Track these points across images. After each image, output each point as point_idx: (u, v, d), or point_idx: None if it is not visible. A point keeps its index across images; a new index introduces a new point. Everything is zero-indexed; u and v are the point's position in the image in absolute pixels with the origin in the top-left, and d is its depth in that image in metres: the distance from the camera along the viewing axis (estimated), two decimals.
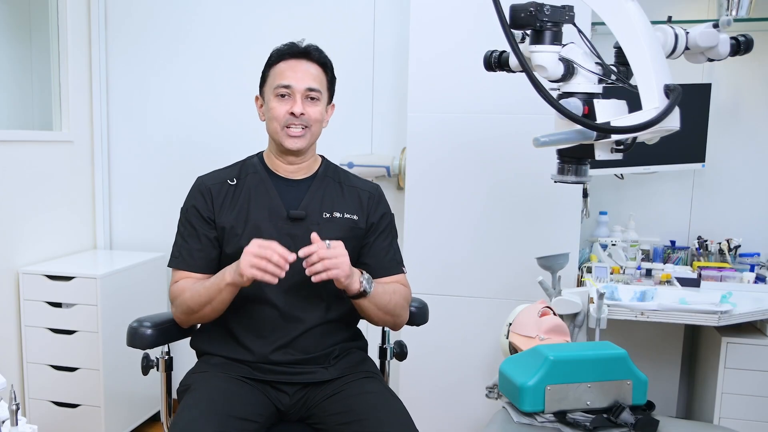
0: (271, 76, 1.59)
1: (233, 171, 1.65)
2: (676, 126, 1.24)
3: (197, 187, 1.62)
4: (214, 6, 2.72)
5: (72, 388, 2.44)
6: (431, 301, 2.33)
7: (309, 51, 1.59)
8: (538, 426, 1.31)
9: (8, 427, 1.15)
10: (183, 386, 1.57)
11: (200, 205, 1.59)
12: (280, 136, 1.56)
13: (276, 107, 1.56)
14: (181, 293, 1.54)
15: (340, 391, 1.53)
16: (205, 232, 1.58)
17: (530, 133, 1.29)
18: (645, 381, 1.35)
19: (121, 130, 2.87)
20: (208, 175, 1.65)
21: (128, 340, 1.59)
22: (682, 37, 1.34)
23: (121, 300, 2.51)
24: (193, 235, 1.59)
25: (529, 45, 1.27)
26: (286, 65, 1.58)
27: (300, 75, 1.56)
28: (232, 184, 1.61)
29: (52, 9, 2.66)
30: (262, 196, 1.60)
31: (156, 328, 1.58)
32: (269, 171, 1.64)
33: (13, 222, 2.44)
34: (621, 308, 1.87)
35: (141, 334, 1.56)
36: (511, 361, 1.42)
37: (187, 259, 1.58)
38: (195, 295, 1.52)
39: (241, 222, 1.57)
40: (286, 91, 1.56)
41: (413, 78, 2.27)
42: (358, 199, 1.66)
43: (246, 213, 1.58)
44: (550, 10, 1.23)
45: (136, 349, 1.57)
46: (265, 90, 1.61)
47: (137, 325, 1.58)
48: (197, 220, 1.59)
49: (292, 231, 1.57)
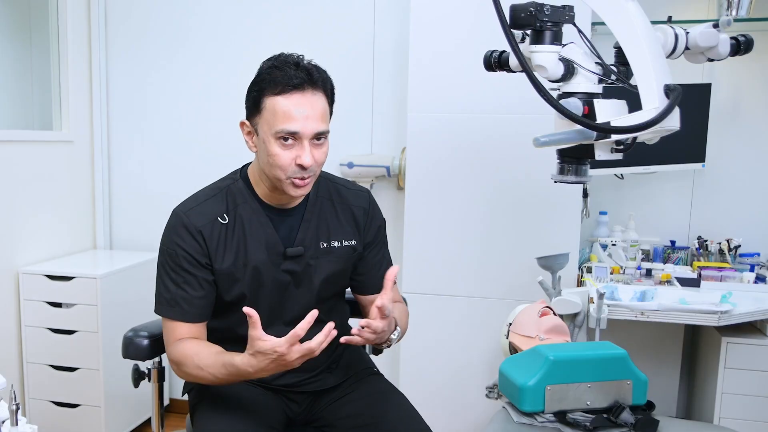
0: (268, 110, 1.33)
1: (220, 203, 1.43)
2: (676, 126, 1.24)
3: (184, 227, 1.39)
4: (214, 6, 2.72)
5: (72, 388, 2.44)
6: (431, 301, 2.34)
7: (312, 77, 1.36)
8: (538, 426, 1.31)
9: (8, 427, 1.15)
10: (198, 393, 1.49)
11: (193, 249, 1.39)
12: (283, 185, 1.37)
13: (280, 154, 1.34)
14: (193, 357, 1.36)
15: (348, 393, 1.53)
16: (204, 276, 1.40)
17: (530, 133, 1.29)
18: (645, 381, 1.35)
19: (121, 130, 2.87)
20: (192, 210, 1.41)
21: (124, 352, 1.52)
22: (682, 37, 1.34)
23: (121, 300, 2.51)
24: (190, 282, 1.40)
25: (529, 45, 1.27)
26: (289, 102, 1.33)
27: (307, 114, 1.33)
28: (224, 223, 1.42)
29: (52, 9, 2.66)
30: (257, 232, 1.43)
31: (153, 338, 1.51)
32: (260, 200, 1.45)
33: (13, 222, 2.44)
34: (621, 308, 1.87)
35: (137, 345, 1.50)
36: (511, 361, 1.42)
37: (187, 309, 1.40)
38: (204, 375, 1.36)
39: (240, 266, 1.42)
40: (292, 137, 1.33)
41: (413, 78, 2.27)
42: (353, 220, 1.55)
43: (244, 255, 1.42)
44: (550, 10, 1.23)
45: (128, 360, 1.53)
46: (259, 123, 1.36)
47: (132, 335, 1.51)
48: (192, 265, 1.39)
49: (290, 267, 1.46)
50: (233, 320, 1.46)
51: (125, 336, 1.53)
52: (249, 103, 1.39)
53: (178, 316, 1.40)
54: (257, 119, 1.36)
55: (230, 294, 1.43)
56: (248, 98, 1.39)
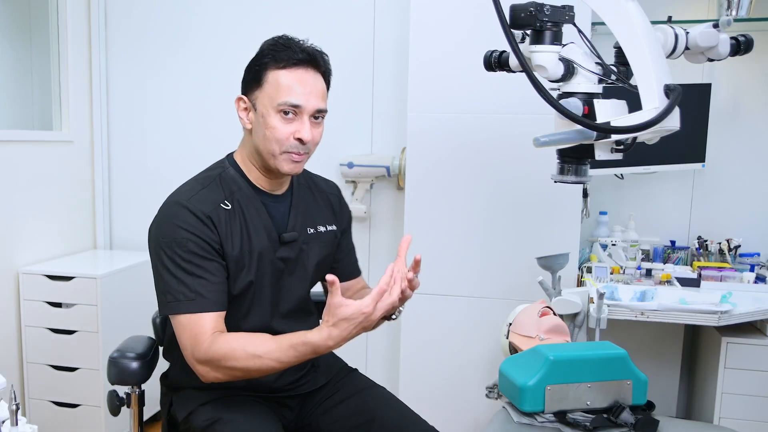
0: (271, 84, 1.35)
1: (217, 191, 1.40)
2: (676, 126, 1.24)
3: (191, 214, 1.34)
4: (214, 6, 2.72)
5: (72, 388, 2.44)
6: (431, 301, 2.34)
7: (316, 58, 1.38)
8: (538, 426, 1.31)
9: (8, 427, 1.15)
10: (207, 417, 1.40)
11: (205, 235, 1.33)
12: (278, 160, 1.38)
13: (279, 128, 1.35)
14: (245, 348, 1.27)
15: (333, 395, 1.55)
16: (219, 262, 1.35)
17: (530, 133, 1.29)
18: (645, 381, 1.35)
19: (121, 130, 2.87)
20: (193, 198, 1.37)
21: (111, 377, 1.45)
22: (682, 37, 1.34)
23: (121, 300, 2.51)
24: (207, 268, 1.33)
25: (529, 45, 1.27)
26: (293, 76, 1.35)
27: (309, 91, 1.36)
28: (227, 208, 1.39)
29: (52, 9, 2.66)
30: (255, 219, 1.42)
31: (142, 358, 1.45)
32: (253, 186, 1.45)
33: (13, 222, 2.44)
34: (621, 308, 1.87)
35: (126, 368, 1.42)
36: (511, 361, 1.42)
37: (211, 297, 1.32)
38: (264, 363, 1.27)
39: (246, 252, 1.40)
40: (294, 110, 1.35)
41: (413, 78, 2.27)
42: (330, 206, 1.59)
43: (249, 241, 1.40)
44: (550, 10, 1.23)
45: (115, 386, 1.46)
46: (258, 96, 1.37)
47: (118, 356, 1.44)
48: (206, 251, 1.33)
49: (284, 254, 1.46)
50: (239, 313, 1.43)
51: (110, 358, 1.44)
52: (248, 78, 1.39)
53: (202, 308, 1.30)
54: (256, 93, 1.37)
55: (238, 284, 1.39)
56: (248, 73, 1.40)
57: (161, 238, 1.34)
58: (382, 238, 2.67)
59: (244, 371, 1.29)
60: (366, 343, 2.74)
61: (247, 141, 1.45)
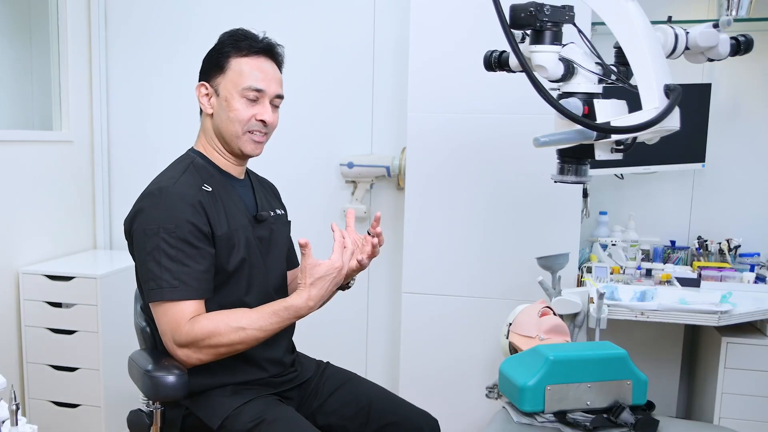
0: (234, 70, 1.45)
1: (195, 176, 1.45)
2: (676, 126, 1.24)
3: (181, 200, 1.38)
4: (214, 6, 2.72)
5: (72, 388, 2.44)
6: (431, 301, 2.34)
7: (274, 50, 1.51)
8: (538, 426, 1.31)
9: (8, 427, 1.15)
10: (250, 418, 1.39)
11: (197, 220, 1.37)
12: (241, 141, 1.46)
13: (242, 110, 1.45)
14: (227, 323, 1.34)
15: (321, 388, 1.60)
16: (207, 248, 1.39)
17: (530, 133, 1.29)
18: (645, 381, 1.35)
19: (121, 130, 2.87)
20: (178, 183, 1.41)
21: (154, 393, 1.35)
22: (682, 37, 1.34)
23: (121, 300, 2.50)
24: (193, 256, 1.36)
25: (529, 45, 1.27)
26: (254, 63, 1.46)
27: (270, 77, 1.47)
28: (209, 190, 1.44)
29: (52, 9, 2.66)
30: (232, 201, 1.48)
31: (180, 370, 1.35)
32: (222, 172, 1.52)
33: (13, 222, 2.44)
34: (621, 308, 1.87)
35: (168, 383, 1.32)
36: (511, 361, 1.42)
37: (193, 284, 1.35)
38: (248, 334, 1.34)
39: (233, 231, 1.44)
40: (257, 95, 1.46)
41: (413, 78, 2.27)
42: (275, 194, 1.71)
43: (232, 221, 1.45)
44: (550, 10, 1.23)
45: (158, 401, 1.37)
46: (221, 82, 1.46)
47: (152, 369, 1.34)
48: (196, 238, 1.37)
49: (260, 233, 1.52)
50: (239, 289, 1.46)
51: (147, 374, 1.34)
52: (210, 64, 1.50)
53: (184, 295, 1.34)
54: (219, 79, 1.47)
55: (232, 261, 1.43)
56: (210, 60, 1.51)
57: (152, 223, 1.36)
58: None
59: (228, 346, 1.34)
60: (366, 343, 2.74)
61: (207, 127, 1.52)
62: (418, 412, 1.57)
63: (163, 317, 1.36)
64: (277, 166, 2.82)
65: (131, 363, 1.48)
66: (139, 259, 1.40)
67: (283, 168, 2.74)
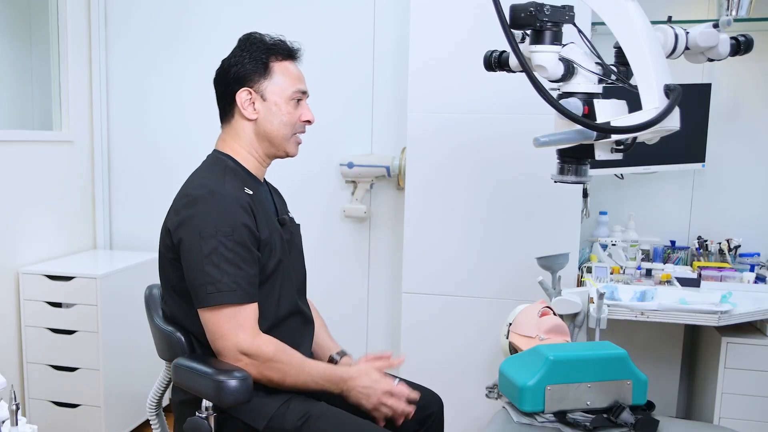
0: (279, 74, 1.48)
1: (235, 179, 1.46)
2: (676, 126, 1.24)
3: (236, 204, 1.38)
4: (214, 6, 2.72)
5: (72, 388, 2.44)
6: (431, 301, 2.34)
7: (299, 52, 1.57)
8: (538, 426, 1.31)
9: (8, 427, 1.15)
10: (298, 415, 1.39)
11: (251, 224, 1.39)
12: (289, 143, 1.52)
13: (293, 113, 1.50)
14: (282, 359, 1.37)
15: None
16: (256, 251, 1.40)
17: (530, 133, 1.29)
18: (645, 381, 1.35)
19: (121, 130, 2.87)
20: (227, 187, 1.41)
21: (220, 398, 1.30)
22: (682, 37, 1.34)
23: (121, 300, 2.51)
24: (246, 260, 1.36)
25: (529, 45, 1.27)
26: (292, 66, 1.52)
27: (303, 79, 1.55)
28: (251, 194, 1.45)
29: (52, 9, 2.66)
30: (264, 204, 1.51)
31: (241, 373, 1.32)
32: (251, 175, 1.52)
33: (13, 222, 2.44)
34: (621, 308, 1.87)
35: (233, 387, 1.29)
36: (511, 361, 1.42)
37: (249, 289, 1.36)
38: (303, 376, 1.40)
39: (271, 234, 1.45)
40: (302, 97, 1.53)
41: (413, 78, 2.27)
42: (282, 197, 1.70)
43: (271, 223, 1.48)
44: (550, 10, 1.23)
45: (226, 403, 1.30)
46: (268, 87, 1.48)
47: (213, 373, 1.30)
48: (250, 242, 1.37)
49: (285, 236, 1.53)
50: (273, 296, 1.46)
51: (215, 380, 1.29)
52: (251, 69, 1.48)
53: (243, 299, 1.34)
54: (264, 84, 1.48)
55: (270, 264, 1.44)
56: (250, 65, 1.48)
57: (204, 229, 1.35)
58: (382, 238, 2.67)
59: (283, 377, 1.38)
60: (366, 343, 2.75)
61: (244, 131, 1.51)
62: (426, 391, 1.67)
63: (224, 323, 1.34)
64: (277, 166, 2.81)
65: (181, 369, 1.39)
66: (192, 263, 1.36)
67: (283, 168, 2.72)
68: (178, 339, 1.47)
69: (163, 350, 1.53)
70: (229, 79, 1.49)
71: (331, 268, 2.72)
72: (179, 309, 1.46)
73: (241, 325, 1.34)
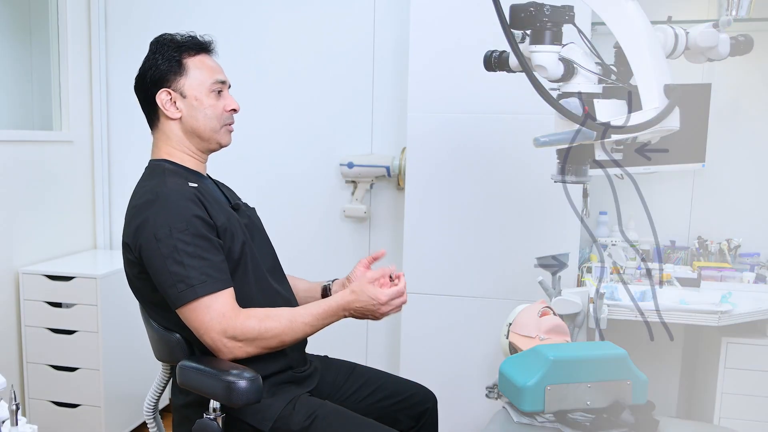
0: (194, 68, 1.48)
1: (177, 177, 1.46)
2: (676, 126, 1.24)
3: (184, 198, 1.39)
4: (214, 6, 2.72)
5: (72, 388, 2.44)
6: (431, 301, 2.34)
7: (212, 45, 1.56)
8: (538, 426, 1.31)
9: (8, 427, 1.15)
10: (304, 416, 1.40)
11: (203, 214, 1.40)
12: (220, 135, 1.51)
13: (216, 105, 1.49)
14: (271, 325, 1.36)
15: (337, 378, 1.64)
16: (217, 239, 1.41)
17: (530, 133, 1.29)
18: (645, 381, 1.35)
19: (121, 130, 2.87)
20: (173, 184, 1.43)
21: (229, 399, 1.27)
22: (682, 37, 1.34)
23: (121, 300, 2.50)
24: (209, 249, 1.37)
25: (529, 45, 1.27)
26: (205, 59, 1.51)
27: (221, 69, 1.54)
28: (195, 186, 1.46)
29: (52, 9, 2.66)
30: (213, 193, 1.51)
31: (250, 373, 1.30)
32: (192, 172, 1.52)
33: (13, 222, 2.44)
34: (621, 308, 1.87)
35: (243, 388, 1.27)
36: (511, 361, 1.42)
37: (220, 276, 1.36)
38: (299, 327, 1.39)
39: (231, 219, 1.47)
40: (222, 87, 1.51)
41: (413, 78, 2.27)
42: (228, 187, 1.71)
43: (224, 210, 1.48)
44: (550, 10, 1.23)
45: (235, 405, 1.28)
46: (185, 84, 1.47)
47: (222, 374, 1.28)
48: (208, 231, 1.38)
49: (242, 220, 1.54)
50: (246, 274, 1.47)
51: (224, 380, 1.28)
52: (166, 69, 1.48)
53: (216, 287, 1.34)
54: (181, 81, 1.48)
55: (235, 248, 1.44)
56: (164, 65, 1.49)
57: (157, 231, 1.35)
58: (382, 238, 2.67)
59: (279, 343, 1.38)
60: (366, 343, 2.74)
61: (172, 132, 1.51)
62: (420, 388, 1.73)
63: (206, 314, 1.33)
64: (277, 166, 2.82)
65: (188, 371, 1.37)
66: (156, 268, 1.36)
67: (283, 168, 2.74)
68: (177, 340, 1.46)
69: (161, 352, 1.52)
70: (147, 83, 1.51)
71: (331, 268, 2.72)
72: (163, 318, 1.45)
73: (220, 313, 1.33)
